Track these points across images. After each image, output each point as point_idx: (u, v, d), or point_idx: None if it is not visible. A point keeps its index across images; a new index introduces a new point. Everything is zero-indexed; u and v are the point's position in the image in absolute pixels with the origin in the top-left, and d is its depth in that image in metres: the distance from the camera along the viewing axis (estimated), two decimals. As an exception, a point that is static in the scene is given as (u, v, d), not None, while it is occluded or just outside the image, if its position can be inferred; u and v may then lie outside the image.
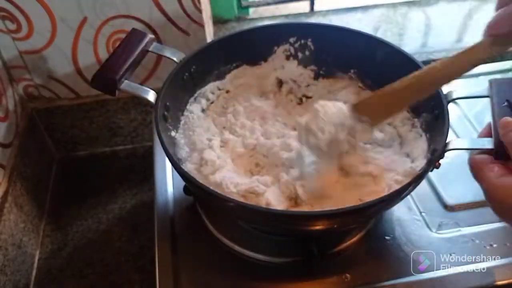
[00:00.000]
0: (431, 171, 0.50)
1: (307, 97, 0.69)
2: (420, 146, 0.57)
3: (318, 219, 0.49)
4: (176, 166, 0.50)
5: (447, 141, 0.50)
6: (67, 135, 0.83)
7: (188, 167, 0.57)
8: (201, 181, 0.50)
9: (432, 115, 0.56)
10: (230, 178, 0.55)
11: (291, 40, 0.67)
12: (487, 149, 0.47)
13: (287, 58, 0.68)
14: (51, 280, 0.67)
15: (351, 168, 0.57)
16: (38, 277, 0.68)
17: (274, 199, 0.54)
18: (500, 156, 0.45)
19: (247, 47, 0.66)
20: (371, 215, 0.57)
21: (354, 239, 0.59)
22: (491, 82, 0.52)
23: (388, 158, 0.59)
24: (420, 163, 0.54)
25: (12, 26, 0.67)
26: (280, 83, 0.69)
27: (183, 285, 0.55)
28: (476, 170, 0.46)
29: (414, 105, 0.59)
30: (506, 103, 0.48)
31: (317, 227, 0.50)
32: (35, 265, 0.69)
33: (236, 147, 0.61)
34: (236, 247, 0.58)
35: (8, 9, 0.65)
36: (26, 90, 0.75)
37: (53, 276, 0.68)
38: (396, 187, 0.51)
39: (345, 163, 0.57)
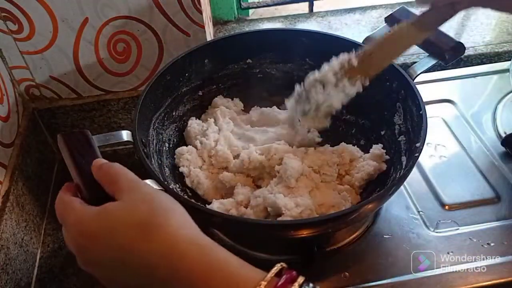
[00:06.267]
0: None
1: None
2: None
3: (304, 227, 0.49)
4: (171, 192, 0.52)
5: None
6: (68, 135, 0.83)
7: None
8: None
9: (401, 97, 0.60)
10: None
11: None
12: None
13: None
14: (53, 279, 0.68)
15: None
16: (40, 276, 0.68)
17: None
18: None
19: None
20: (365, 215, 0.57)
21: (353, 237, 0.59)
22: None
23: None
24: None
25: (14, 27, 0.67)
26: None
27: (183, 283, 0.55)
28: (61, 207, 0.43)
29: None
30: None
31: (308, 233, 0.49)
32: (37, 263, 0.69)
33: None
34: (236, 246, 0.59)
35: (9, 10, 0.65)
36: (27, 90, 0.75)
37: (55, 274, 0.68)
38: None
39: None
